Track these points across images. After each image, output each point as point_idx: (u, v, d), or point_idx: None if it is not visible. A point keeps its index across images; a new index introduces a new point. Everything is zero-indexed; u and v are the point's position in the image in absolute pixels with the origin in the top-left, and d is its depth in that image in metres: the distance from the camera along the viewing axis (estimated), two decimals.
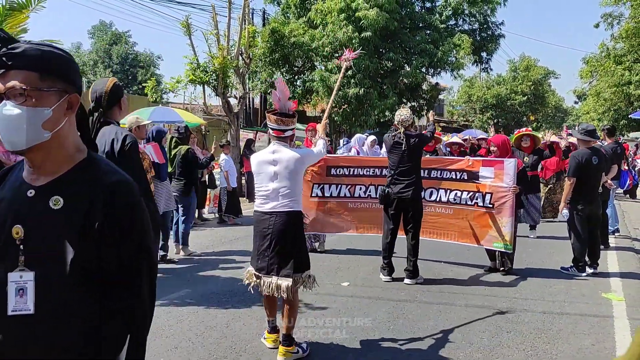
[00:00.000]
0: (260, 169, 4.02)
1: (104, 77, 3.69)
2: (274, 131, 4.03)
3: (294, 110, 4.13)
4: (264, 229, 3.93)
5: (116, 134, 3.42)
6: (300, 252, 3.99)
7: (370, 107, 18.97)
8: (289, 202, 3.93)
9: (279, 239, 3.88)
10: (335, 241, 8.13)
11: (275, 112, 4.02)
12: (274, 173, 3.96)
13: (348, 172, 7.28)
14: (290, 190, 3.94)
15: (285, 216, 3.91)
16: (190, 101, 15.98)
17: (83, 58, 40.85)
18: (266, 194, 3.97)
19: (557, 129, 29.48)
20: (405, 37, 19.90)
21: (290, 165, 3.95)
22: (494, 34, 25.01)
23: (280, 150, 4.00)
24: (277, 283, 3.86)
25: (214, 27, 14.74)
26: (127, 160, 3.35)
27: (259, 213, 4.02)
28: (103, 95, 3.42)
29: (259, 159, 4.07)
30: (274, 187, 3.94)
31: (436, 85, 23.42)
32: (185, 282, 6.08)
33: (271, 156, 4.01)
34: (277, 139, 4.03)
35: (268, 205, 3.95)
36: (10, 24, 8.87)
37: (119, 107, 3.53)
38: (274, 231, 3.88)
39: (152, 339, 4.26)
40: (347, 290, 5.80)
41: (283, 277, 3.86)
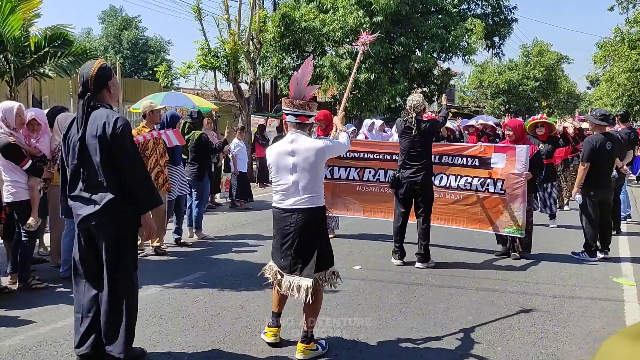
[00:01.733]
0: (278, 161, 3.70)
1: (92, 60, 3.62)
2: (299, 117, 3.67)
3: (310, 97, 3.78)
4: (285, 227, 3.67)
5: (107, 117, 3.30)
6: (323, 249, 3.72)
7: (381, 93, 18.93)
8: (310, 197, 3.64)
9: (302, 238, 3.63)
10: (346, 226, 8.19)
11: (302, 97, 3.69)
12: (292, 165, 3.64)
13: (358, 155, 7.32)
14: (311, 184, 3.64)
15: (308, 213, 3.63)
16: (202, 86, 16.00)
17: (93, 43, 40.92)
18: (285, 188, 3.67)
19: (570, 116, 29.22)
20: (416, 22, 19.76)
21: (311, 156, 3.62)
22: (506, 18, 24.78)
23: (299, 139, 3.66)
24: (298, 284, 3.62)
25: (225, 12, 14.73)
26: (119, 143, 3.28)
27: (279, 210, 3.73)
28: (89, 79, 3.35)
29: (277, 150, 3.75)
30: (293, 180, 3.64)
31: (447, 71, 23.28)
32: (199, 265, 6.18)
33: (289, 146, 3.67)
34: (300, 125, 3.70)
35: (288, 202, 3.66)
36: (24, 8, 8.95)
37: (107, 91, 3.44)
38: (296, 229, 3.62)
39: (169, 319, 4.37)
40: (359, 273, 5.87)
41: (305, 277, 3.62)
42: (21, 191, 5.04)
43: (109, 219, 3.32)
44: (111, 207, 3.29)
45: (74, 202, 3.42)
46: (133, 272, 3.50)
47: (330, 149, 3.76)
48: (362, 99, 19.26)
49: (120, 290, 3.39)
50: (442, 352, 3.88)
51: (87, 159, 3.33)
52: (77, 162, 3.36)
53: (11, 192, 5.02)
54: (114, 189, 3.29)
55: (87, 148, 3.32)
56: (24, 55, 8.72)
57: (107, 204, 3.28)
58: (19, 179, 5.03)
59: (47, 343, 3.88)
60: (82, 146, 3.34)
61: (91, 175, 3.33)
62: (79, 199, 3.38)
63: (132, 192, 3.34)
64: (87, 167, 3.33)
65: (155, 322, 4.33)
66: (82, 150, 3.34)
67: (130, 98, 14.89)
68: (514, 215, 6.36)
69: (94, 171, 3.31)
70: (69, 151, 3.44)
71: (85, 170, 3.34)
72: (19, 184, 5.03)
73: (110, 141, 3.26)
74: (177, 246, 7.07)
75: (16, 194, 5.02)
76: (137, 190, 3.35)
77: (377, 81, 18.54)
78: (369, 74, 18.31)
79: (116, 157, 3.29)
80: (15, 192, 5.02)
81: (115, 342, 3.36)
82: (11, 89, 8.79)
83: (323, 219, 3.76)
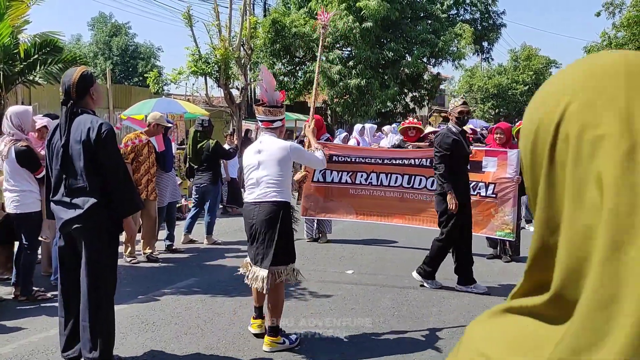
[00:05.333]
0: (247, 160, 3.98)
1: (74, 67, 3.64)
2: (263, 122, 4.00)
3: (282, 100, 4.08)
4: (249, 219, 3.87)
5: (92, 123, 3.34)
6: (282, 243, 3.82)
7: (371, 98, 19.00)
8: (272, 192, 3.82)
9: (261, 228, 3.78)
10: (339, 230, 8.21)
11: (263, 104, 3.98)
12: (257, 162, 3.89)
13: (350, 159, 7.36)
14: (273, 180, 3.83)
15: (269, 206, 3.80)
16: (192, 92, 16.00)
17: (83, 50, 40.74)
18: (251, 183, 3.91)
19: None
20: (406, 27, 19.89)
21: (275, 153, 3.85)
22: (495, 24, 25.00)
23: (266, 139, 3.96)
24: (256, 274, 3.80)
25: (216, 18, 14.74)
26: (104, 148, 3.32)
27: (246, 204, 3.99)
28: (71, 86, 3.37)
29: (248, 151, 4.06)
30: (257, 176, 3.86)
31: (437, 76, 23.42)
32: (192, 271, 6.16)
33: (257, 146, 3.99)
34: (266, 129, 4.00)
35: (253, 195, 3.89)
36: (12, 15, 8.92)
37: (90, 97, 3.45)
38: (257, 221, 3.80)
39: (162, 325, 4.36)
40: (351, 278, 5.89)
41: (262, 268, 3.78)
42: (34, 202, 4.87)
43: (91, 223, 3.35)
44: (93, 211, 3.32)
45: (57, 206, 3.46)
46: (112, 278, 3.51)
47: (298, 152, 4.04)
48: (353, 104, 19.33)
49: (99, 296, 3.40)
50: (435, 355, 3.90)
51: (70, 165, 3.36)
52: (60, 167, 3.40)
53: (22, 203, 4.82)
54: (97, 194, 3.33)
55: (71, 153, 3.36)
56: (14, 63, 8.67)
57: (89, 208, 3.31)
58: (32, 189, 4.87)
59: (38, 351, 3.86)
60: (65, 152, 3.37)
61: (74, 181, 3.36)
62: (61, 203, 3.41)
63: (114, 196, 3.38)
64: (70, 172, 3.37)
65: (148, 328, 4.32)
66: (65, 156, 3.38)
67: (121, 104, 14.82)
68: (505, 218, 6.41)
69: (77, 176, 3.35)
70: (53, 156, 3.48)
71: (68, 175, 3.37)
72: (32, 194, 4.86)
73: (95, 146, 3.30)
74: (168, 253, 7.05)
75: (29, 204, 4.84)
76: (119, 194, 3.40)
77: (368, 86, 18.61)
78: (360, 79, 18.39)
79: (101, 161, 3.33)
80: (28, 202, 4.83)
81: (94, 348, 3.35)
82: (0, 97, 8.73)
83: (287, 214, 3.87)
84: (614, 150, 0.48)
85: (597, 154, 0.49)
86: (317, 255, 6.91)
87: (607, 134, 0.49)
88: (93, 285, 3.37)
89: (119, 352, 3.72)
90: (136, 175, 6.33)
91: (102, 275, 3.41)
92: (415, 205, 7.02)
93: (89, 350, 3.35)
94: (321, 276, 5.90)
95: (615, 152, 0.48)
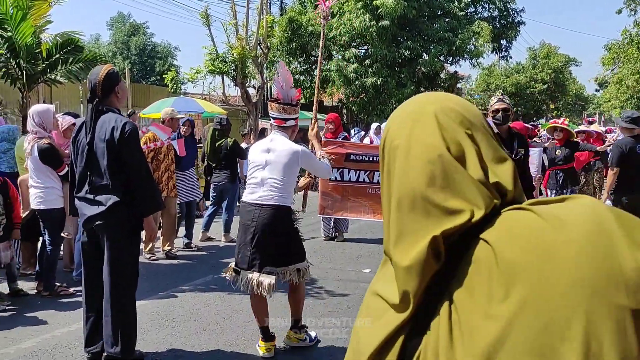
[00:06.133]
0: (254, 157, 3.81)
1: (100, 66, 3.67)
2: (275, 120, 3.82)
3: (298, 99, 3.93)
4: (247, 221, 3.66)
5: (116, 122, 3.38)
6: (282, 247, 3.68)
7: (387, 97, 18.95)
8: (276, 196, 3.64)
9: (263, 234, 3.60)
10: (356, 229, 8.21)
11: (277, 100, 3.84)
12: (265, 161, 3.71)
13: (367, 158, 7.36)
14: (280, 184, 3.66)
15: (271, 210, 3.63)
16: (209, 91, 16.12)
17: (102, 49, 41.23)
18: (254, 182, 3.72)
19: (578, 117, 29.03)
20: (423, 26, 19.78)
21: (284, 155, 3.68)
22: (513, 21, 24.77)
23: (277, 139, 3.77)
24: (258, 280, 3.59)
25: (233, 18, 14.83)
26: (127, 147, 3.37)
27: (244, 204, 3.78)
28: (97, 84, 3.42)
29: (255, 147, 3.91)
30: (263, 176, 3.68)
31: (455, 74, 23.27)
32: (210, 269, 6.22)
33: (267, 144, 3.79)
34: (278, 128, 3.82)
35: (254, 196, 3.69)
36: (34, 15, 9.07)
37: (115, 95, 3.49)
38: (258, 225, 3.60)
39: (181, 322, 4.41)
40: (368, 277, 5.89)
41: (265, 275, 3.59)
42: (57, 199, 4.95)
43: (113, 220, 3.40)
44: (115, 209, 3.37)
45: (80, 202, 3.52)
46: (133, 275, 3.56)
47: (307, 158, 3.83)
48: (369, 103, 19.29)
49: (120, 292, 3.45)
50: None
51: (95, 162, 3.42)
52: (85, 165, 3.46)
53: (45, 199, 4.91)
54: (119, 192, 3.38)
55: (95, 151, 3.41)
56: (36, 62, 8.84)
57: (111, 205, 3.36)
58: (54, 185, 4.96)
59: (61, 345, 3.93)
60: (90, 150, 3.42)
61: (98, 178, 3.41)
62: (84, 200, 3.47)
63: (136, 194, 3.42)
64: (94, 170, 3.42)
65: (168, 324, 4.38)
66: (89, 154, 3.43)
67: (139, 103, 15.00)
68: None
69: (101, 174, 3.40)
70: (78, 154, 3.53)
71: (92, 173, 3.42)
72: (55, 191, 4.95)
73: (118, 145, 3.34)
74: (187, 250, 7.12)
75: (51, 201, 4.92)
76: (141, 192, 3.44)
77: (384, 85, 18.56)
78: (376, 78, 18.34)
79: (124, 160, 3.38)
80: (51, 199, 4.92)
81: (115, 343, 3.40)
82: (23, 95, 8.90)
83: (287, 219, 3.71)
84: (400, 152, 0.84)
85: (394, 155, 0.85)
86: (334, 254, 6.93)
87: (400, 144, 0.85)
88: (114, 281, 3.43)
89: (141, 347, 3.78)
90: (156, 173, 6.41)
91: (124, 271, 3.46)
92: None
93: (111, 345, 3.40)
94: (338, 275, 5.91)
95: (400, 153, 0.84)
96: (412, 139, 0.83)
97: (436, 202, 0.77)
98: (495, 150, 0.82)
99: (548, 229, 0.69)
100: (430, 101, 0.87)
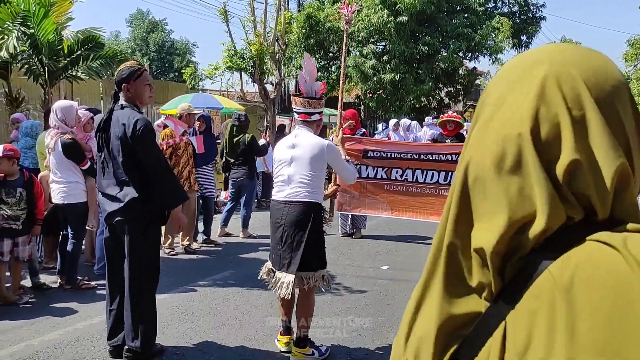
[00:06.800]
0: (280, 154, 3.70)
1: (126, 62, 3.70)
2: (300, 115, 3.71)
3: (322, 92, 3.81)
4: (277, 219, 3.60)
5: (128, 119, 3.36)
6: (312, 248, 3.56)
7: (405, 93, 18.84)
8: (304, 192, 3.54)
9: (292, 231, 3.51)
10: (373, 226, 8.19)
11: (301, 94, 3.75)
12: (291, 157, 3.61)
13: (385, 155, 7.33)
14: (308, 179, 3.55)
15: (300, 207, 3.53)
16: (227, 88, 16.20)
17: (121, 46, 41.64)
18: (282, 180, 3.63)
19: None
20: (442, 21, 19.61)
21: (311, 151, 3.57)
22: (534, 16, 24.39)
23: (302, 134, 3.67)
24: (282, 280, 3.54)
25: (251, 14, 14.85)
26: (140, 144, 3.36)
27: (274, 202, 3.69)
28: (118, 81, 3.49)
29: (280, 144, 3.80)
30: (290, 173, 3.58)
31: (473, 70, 23.04)
32: (229, 264, 6.25)
33: (292, 140, 3.69)
34: (303, 122, 3.71)
35: (282, 194, 3.60)
36: (56, 12, 9.18)
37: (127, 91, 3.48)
38: (286, 223, 3.53)
39: (201, 316, 4.44)
40: (386, 273, 5.87)
41: (289, 274, 3.53)
42: (80, 193, 5.03)
43: (130, 216, 3.42)
44: (133, 204, 3.38)
45: (102, 198, 3.56)
46: (153, 269, 3.58)
47: (334, 154, 3.68)
48: (387, 99, 19.20)
49: (140, 286, 3.48)
50: None
51: (112, 159, 3.45)
52: (104, 160, 3.51)
53: (69, 194, 4.98)
54: (137, 188, 3.39)
55: (111, 148, 3.44)
56: (58, 58, 8.94)
57: (129, 201, 3.37)
58: (78, 180, 5.03)
59: (84, 338, 3.99)
60: (107, 146, 3.46)
61: (116, 174, 3.44)
62: (105, 195, 3.51)
63: (155, 190, 3.42)
64: (112, 166, 3.45)
65: (188, 319, 4.41)
66: (107, 150, 3.47)
67: (159, 100, 15.10)
68: None
69: (118, 170, 3.43)
70: (98, 149, 3.58)
71: (112, 168, 3.46)
72: (79, 185, 5.03)
73: (132, 142, 3.35)
74: (205, 245, 7.16)
75: (75, 195, 5.00)
76: (161, 187, 3.44)
77: (402, 81, 18.46)
78: (394, 74, 18.24)
79: (139, 157, 3.39)
80: (75, 193, 4.99)
81: (136, 337, 3.45)
82: (45, 91, 9.02)
83: (317, 217, 3.61)
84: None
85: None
86: (352, 251, 6.92)
87: (488, 103, 0.72)
88: (134, 276, 3.46)
89: (161, 340, 3.82)
90: (177, 169, 6.45)
91: (143, 266, 3.50)
92: None
93: (132, 339, 3.45)
94: (356, 271, 5.90)
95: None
96: (502, 101, 0.68)
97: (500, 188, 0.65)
98: (608, 147, 0.62)
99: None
100: (547, 60, 0.68)
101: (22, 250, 4.84)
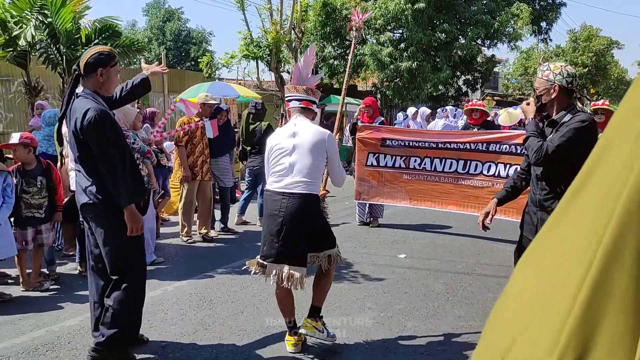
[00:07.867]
0: (279, 142, 3.56)
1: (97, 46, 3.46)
2: (302, 102, 3.59)
3: (312, 89, 3.71)
4: (274, 211, 3.44)
5: (79, 111, 3.13)
6: (319, 231, 3.54)
7: (422, 81, 18.66)
8: (304, 183, 3.43)
9: (291, 224, 3.40)
10: (390, 214, 8.15)
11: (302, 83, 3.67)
12: (292, 146, 3.49)
13: (403, 143, 7.26)
14: (308, 169, 3.44)
15: (299, 199, 3.42)
16: (244, 76, 16.20)
17: (138, 35, 41.82)
18: (280, 169, 3.49)
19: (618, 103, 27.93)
20: (460, 8, 19.33)
21: (313, 138, 3.48)
22: (554, 3, 23.96)
23: (302, 123, 3.56)
24: (289, 272, 3.42)
25: (267, 2, 14.80)
26: (90, 136, 3.12)
27: (270, 192, 3.53)
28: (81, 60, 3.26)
29: (279, 133, 3.67)
30: (291, 162, 3.47)
31: (492, 58, 22.71)
32: (246, 252, 6.26)
33: (292, 128, 3.55)
34: (304, 110, 3.61)
35: (280, 184, 3.47)
36: (73, 0, 9.22)
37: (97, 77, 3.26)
38: (286, 215, 3.40)
39: (219, 304, 4.46)
40: (404, 262, 5.84)
41: (296, 267, 3.43)
42: None
43: (99, 211, 3.27)
44: (99, 199, 3.22)
45: (76, 189, 3.47)
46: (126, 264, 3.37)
47: (333, 145, 3.60)
48: (404, 88, 19.03)
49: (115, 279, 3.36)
50: None
51: (74, 151, 3.33)
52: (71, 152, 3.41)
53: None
54: (99, 181, 3.22)
55: (70, 140, 3.32)
56: (75, 47, 8.99)
57: (94, 195, 3.22)
58: None
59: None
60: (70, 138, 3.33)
61: (82, 166, 3.29)
62: (78, 186, 3.39)
63: (108, 186, 3.20)
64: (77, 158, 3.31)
65: (206, 306, 4.43)
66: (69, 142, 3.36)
67: (175, 88, 15.17)
68: None
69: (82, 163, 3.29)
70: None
71: (77, 161, 3.32)
72: None
73: (82, 136, 3.14)
74: (223, 233, 7.19)
75: None
76: (110, 183, 3.18)
77: (419, 69, 18.26)
78: (411, 62, 18.05)
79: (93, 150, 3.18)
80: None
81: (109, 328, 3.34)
82: (63, 80, 9.09)
83: (316, 208, 3.55)
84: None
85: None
86: (369, 239, 6.89)
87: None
88: (111, 267, 3.35)
89: (180, 327, 3.84)
90: (191, 157, 6.47)
91: (117, 259, 3.33)
92: (471, 191, 6.85)
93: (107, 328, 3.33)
94: (373, 259, 5.88)
95: None
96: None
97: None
98: None
99: None
100: None
101: (45, 237, 4.91)
